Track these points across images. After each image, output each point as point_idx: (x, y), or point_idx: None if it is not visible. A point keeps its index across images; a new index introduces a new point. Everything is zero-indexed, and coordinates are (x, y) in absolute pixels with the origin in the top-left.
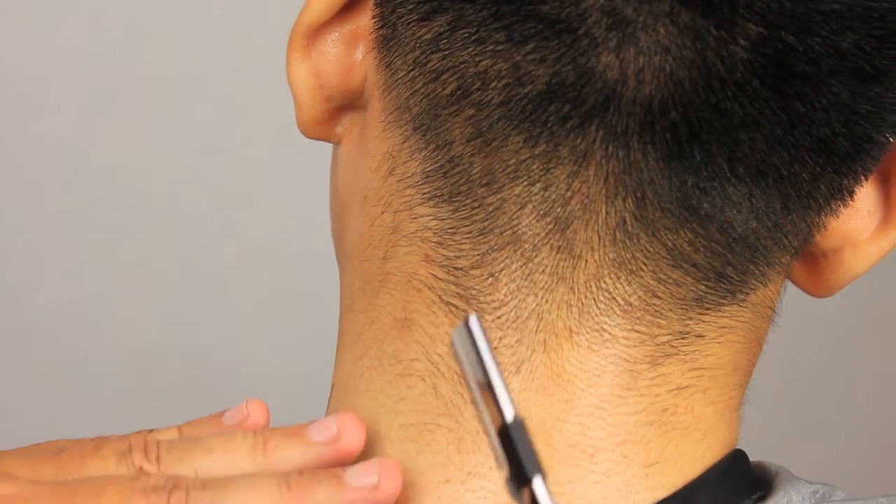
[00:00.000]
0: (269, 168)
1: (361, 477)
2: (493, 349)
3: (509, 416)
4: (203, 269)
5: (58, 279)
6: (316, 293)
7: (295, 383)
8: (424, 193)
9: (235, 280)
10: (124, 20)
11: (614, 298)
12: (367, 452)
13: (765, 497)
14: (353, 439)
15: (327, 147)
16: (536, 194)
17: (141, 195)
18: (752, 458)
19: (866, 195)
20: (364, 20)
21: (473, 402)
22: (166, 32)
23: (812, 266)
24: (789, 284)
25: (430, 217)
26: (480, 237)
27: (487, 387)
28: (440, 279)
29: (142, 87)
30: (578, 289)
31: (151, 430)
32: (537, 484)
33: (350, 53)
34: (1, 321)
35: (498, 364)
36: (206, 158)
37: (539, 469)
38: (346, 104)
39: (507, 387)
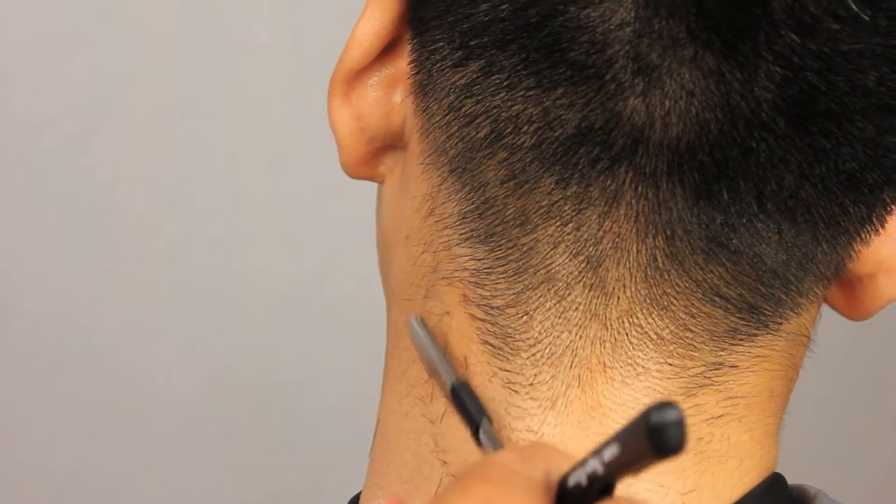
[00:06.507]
0: (329, 188)
1: None
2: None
3: (452, 380)
4: (266, 292)
5: (121, 305)
6: (380, 313)
7: (361, 405)
8: (461, 234)
9: (299, 302)
10: (179, 48)
11: (647, 333)
12: (411, 493)
13: None
14: None
15: None
16: (569, 234)
17: (201, 220)
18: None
19: None
20: (402, 64)
21: (442, 389)
22: (220, 61)
23: (848, 291)
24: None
25: (468, 257)
26: (515, 277)
27: (436, 372)
28: (477, 318)
29: (196, 112)
30: (611, 325)
31: None
32: (484, 425)
33: (389, 97)
34: (65, 349)
35: (441, 352)
36: (267, 181)
37: (485, 413)
38: (387, 145)
39: (447, 362)
